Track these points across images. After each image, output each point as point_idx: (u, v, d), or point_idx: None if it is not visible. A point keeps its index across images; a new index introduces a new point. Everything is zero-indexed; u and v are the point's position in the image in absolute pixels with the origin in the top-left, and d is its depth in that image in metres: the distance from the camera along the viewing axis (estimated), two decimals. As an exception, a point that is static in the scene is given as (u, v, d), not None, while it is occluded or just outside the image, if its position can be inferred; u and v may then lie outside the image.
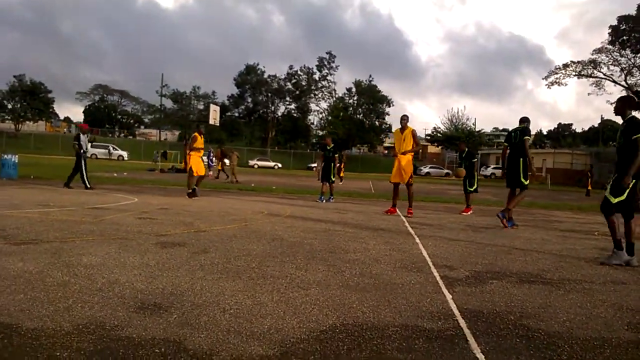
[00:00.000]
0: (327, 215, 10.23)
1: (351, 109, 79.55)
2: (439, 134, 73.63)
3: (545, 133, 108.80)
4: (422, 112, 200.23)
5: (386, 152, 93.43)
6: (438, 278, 4.87)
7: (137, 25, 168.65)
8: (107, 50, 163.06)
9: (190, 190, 13.07)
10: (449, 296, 4.19)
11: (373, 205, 13.99)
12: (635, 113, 6.36)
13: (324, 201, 14.17)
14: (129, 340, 2.84)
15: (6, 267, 4.35)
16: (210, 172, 29.19)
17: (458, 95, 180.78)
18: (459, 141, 17.31)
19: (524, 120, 9.66)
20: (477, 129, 75.10)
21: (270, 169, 59.13)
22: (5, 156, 17.75)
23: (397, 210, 11.21)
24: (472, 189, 13.09)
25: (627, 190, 6.06)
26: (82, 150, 14.53)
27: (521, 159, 9.45)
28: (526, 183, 9.53)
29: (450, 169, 64.76)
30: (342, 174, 30.08)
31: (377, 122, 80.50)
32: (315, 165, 35.13)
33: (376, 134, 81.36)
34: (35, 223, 6.98)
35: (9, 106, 77.29)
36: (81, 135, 14.80)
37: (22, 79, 76.16)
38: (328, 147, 14.90)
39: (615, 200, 6.15)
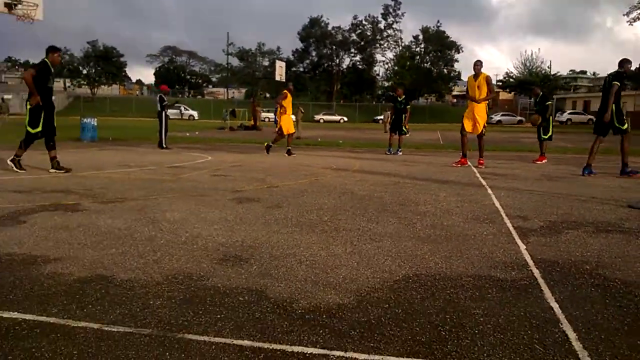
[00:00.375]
0: (396, 168, 10.23)
1: (418, 57, 77.54)
2: (511, 79, 70.70)
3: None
4: (494, 57, 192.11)
5: (455, 100, 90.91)
6: (511, 229, 4.83)
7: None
8: (173, 11, 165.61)
9: (270, 144, 13.55)
10: (522, 246, 4.16)
11: (443, 156, 13.82)
12: None
13: (392, 153, 14.13)
14: (215, 290, 3.04)
15: (97, 224, 4.69)
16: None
17: (532, 36, 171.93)
18: (533, 86, 16.59)
19: (621, 64, 9.15)
20: (552, 73, 71.47)
21: (336, 123, 59.13)
22: (85, 120, 18.72)
23: (468, 160, 10.98)
24: (546, 137, 12.60)
25: None
26: (163, 111, 15.18)
27: (614, 105, 9.03)
28: (624, 127, 9.18)
29: (523, 116, 62.41)
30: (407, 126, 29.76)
31: (445, 70, 78.21)
32: (382, 117, 34.75)
33: (444, 83, 79.21)
34: (119, 182, 7.42)
35: (84, 71, 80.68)
36: (163, 96, 15.46)
37: (95, 44, 79.14)
38: (399, 99, 14.77)
39: None
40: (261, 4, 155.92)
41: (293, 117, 14.90)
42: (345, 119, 63.12)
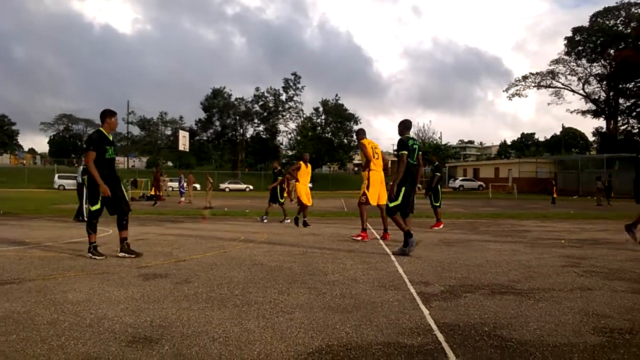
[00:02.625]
0: (303, 237, 10.40)
1: (319, 128, 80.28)
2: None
3: (509, 143, 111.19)
4: (388, 127, 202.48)
5: (356, 169, 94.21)
6: (415, 294, 5.08)
7: (97, 52, 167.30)
8: (69, 79, 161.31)
9: (299, 217, 13.32)
10: (426, 312, 4.40)
11: (347, 224, 14.20)
12: None
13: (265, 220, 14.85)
14: (126, 374, 2.96)
15: (-8, 309, 4.40)
16: (182, 199, 29.15)
17: (421, 109, 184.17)
18: (431, 155, 17.75)
19: None
20: (443, 143, 76.51)
21: (242, 191, 59.03)
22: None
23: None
24: (437, 204, 13.45)
25: None
26: (82, 183, 14.76)
27: None
28: None
29: (419, 183, 65.58)
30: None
31: (345, 140, 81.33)
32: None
33: (345, 152, 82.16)
34: (15, 262, 6.98)
35: (-29, 140, 75.83)
36: (85, 169, 14.96)
37: (-16, 112, 74.83)
38: (275, 170, 15.81)
39: None
40: (161, 73, 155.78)
41: (310, 185, 15.30)
42: (251, 187, 63.25)
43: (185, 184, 31.13)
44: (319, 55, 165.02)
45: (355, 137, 11.13)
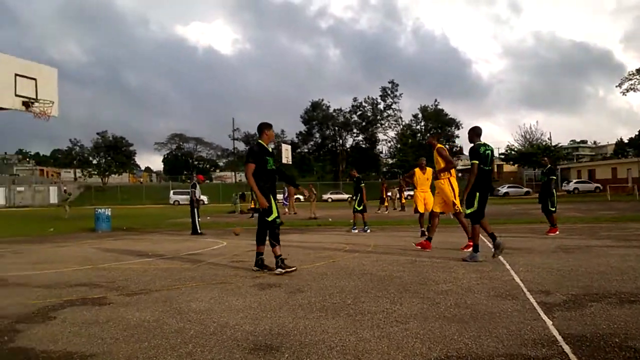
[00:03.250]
0: (409, 245, 10.27)
1: (419, 134, 79.22)
2: (513, 152, 71.75)
3: (626, 141, 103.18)
4: (491, 130, 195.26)
5: (460, 175, 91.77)
6: (535, 304, 4.86)
7: (201, 73, 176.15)
8: (178, 100, 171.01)
9: (424, 229, 11.97)
10: (549, 322, 4.19)
11: (454, 232, 13.85)
12: None
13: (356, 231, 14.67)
14: (252, 380, 3.08)
15: (126, 317, 4.76)
16: (286, 210, 29.90)
17: (526, 110, 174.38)
18: (543, 157, 16.82)
19: None
20: (553, 144, 72.58)
21: (344, 201, 59.45)
22: (99, 210, 19.03)
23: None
24: (553, 209, 12.61)
25: None
26: (195, 198, 15.75)
27: None
28: None
29: (529, 187, 62.70)
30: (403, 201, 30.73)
31: (447, 146, 79.56)
32: (390, 194, 34.96)
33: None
34: (140, 273, 7.52)
35: (94, 161, 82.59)
36: (197, 184, 16.10)
37: (105, 135, 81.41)
38: (354, 179, 15.89)
39: None
40: (263, 89, 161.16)
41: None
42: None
43: (287, 196, 31.95)
44: (415, 61, 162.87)
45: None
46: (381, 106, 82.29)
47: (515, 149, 71.93)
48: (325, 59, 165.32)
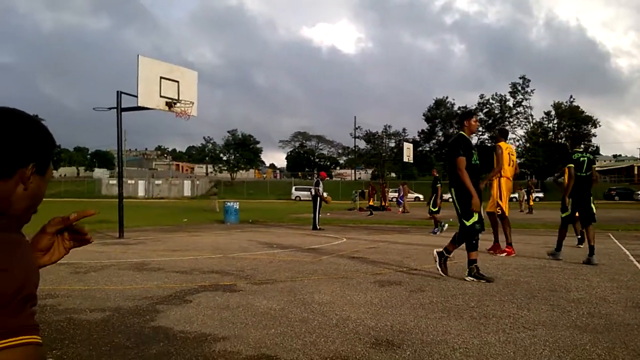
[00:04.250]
0: (537, 250, 9.76)
1: (552, 133, 74.62)
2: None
3: None
4: (631, 129, 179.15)
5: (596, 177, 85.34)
6: (681, 319, 4.43)
7: (325, 72, 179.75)
8: (302, 99, 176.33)
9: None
10: (698, 340, 3.81)
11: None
12: None
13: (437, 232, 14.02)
14: (374, 374, 3.13)
15: (254, 304, 5.03)
16: (400, 209, 29.65)
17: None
18: None
19: None
20: None
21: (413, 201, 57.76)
22: (228, 203, 20.14)
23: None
24: None
25: None
26: (318, 195, 16.27)
27: None
28: None
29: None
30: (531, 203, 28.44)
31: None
32: (516, 196, 33.26)
33: (582, 158, 74.99)
34: (266, 264, 7.88)
35: (224, 158, 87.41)
36: (320, 182, 16.67)
37: (235, 133, 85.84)
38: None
39: None
40: (385, 88, 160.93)
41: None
42: (421, 197, 61.41)
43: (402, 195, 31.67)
44: (548, 55, 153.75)
45: (497, 136, 9.51)
46: (510, 103, 78.39)
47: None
48: (450, 54, 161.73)
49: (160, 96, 12.93)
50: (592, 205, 8.29)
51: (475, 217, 6.40)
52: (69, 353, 3.56)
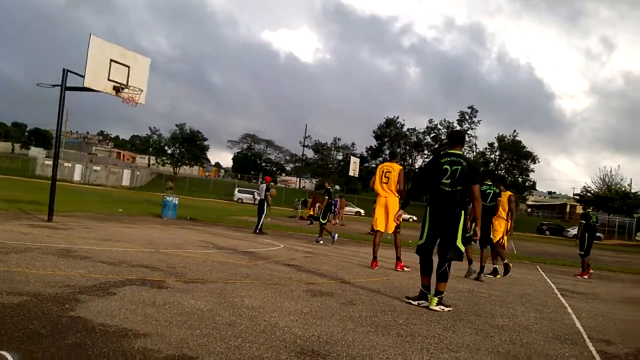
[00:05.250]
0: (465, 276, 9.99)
1: (492, 164, 77.22)
2: (589, 194, 68.73)
3: None
4: (568, 169, 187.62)
5: (529, 210, 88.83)
6: (594, 352, 4.62)
7: (281, 78, 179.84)
8: (255, 101, 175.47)
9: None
10: (609, 375, 3.97)
11: (517, 267, 13.39)
12: None
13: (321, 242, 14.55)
14: (295, 383, 3.09)
15: (181, 303, 4.89)
16: (334, 221, 30.00)
17: (610, 152, 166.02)
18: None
19: None
20: (633, 190, 68.92)
21: (406, 222, 58.85)
22: (167, 198, 19.69)
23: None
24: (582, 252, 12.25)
25: None
26: (267, 200, 16.33)
27: None
28: None
29: (601, 232, 59.77)
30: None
31: (520, 179, 77.14)
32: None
33: (519, 192, 77.88)
34: (199, 263, 7.71)
35: (169, 151, 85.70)
36: (267, 186, 16.65)
37: (183, 127, 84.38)
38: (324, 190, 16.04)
39: None
40: (339, 101, 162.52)
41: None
42: (415, 218, 62.63)
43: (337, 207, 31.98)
44: (497, 88, 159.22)
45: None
46: (451, 131, 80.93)
47: (592, 191, 68.90)
48: (405, 76, 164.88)
49: (109, 79, 12.51)
50: (491, 231, 9.83)
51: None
52: (-24, 337, 3.34)
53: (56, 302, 4.40)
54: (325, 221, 15.31)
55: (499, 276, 10.00)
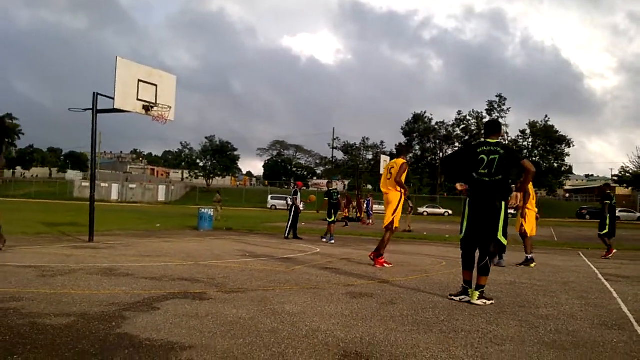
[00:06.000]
0: (508, 268, 9.86)
1: (526, 151, 75.86)
2: (627, 174, 66.91)
3: None
4: (604, 150, 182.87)
5: (567, 195, 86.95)
6: (646, 338, 4.51)
7: (304, 82, 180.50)
8: (281, 108, 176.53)
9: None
10: (661, 359, 3.87)
11: (559, 254, 13.15)
12: None
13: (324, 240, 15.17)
14: (341, 386, 3.11)
15: (223, 313, 4.96)
16: (369, 221, 29.92)
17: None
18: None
19: None
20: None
21: (441, 216, 58.27)
22: (203, 210, 19.96)
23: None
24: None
25: None
26: (294, 205, 16.46)
27: None
28: None
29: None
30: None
31: (555, 164, 75.61)
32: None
33: (555, 177, 76.31)
34: (238, 272, 7.80)
35: (201, 164, 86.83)
36: (298, 191, 16.73)
37: (212, 139, 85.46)
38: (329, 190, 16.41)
39: None
40: (364, 100, 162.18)
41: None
42: (450, 212, 62.02)
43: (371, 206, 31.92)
44: (523, 73, 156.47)
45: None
46: (486, 120, 79.79)
47: (630, 171, 67.02)
48: (428, 69, 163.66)
49: (138, 99, 12.77)
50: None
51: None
52: (30, 358, 3.46)
53: (103, 321, 4.52)
54: (332, 220, 15.80)
55: (533, 264, 9.89)
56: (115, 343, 3.87)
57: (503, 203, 5.92)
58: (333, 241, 15.05)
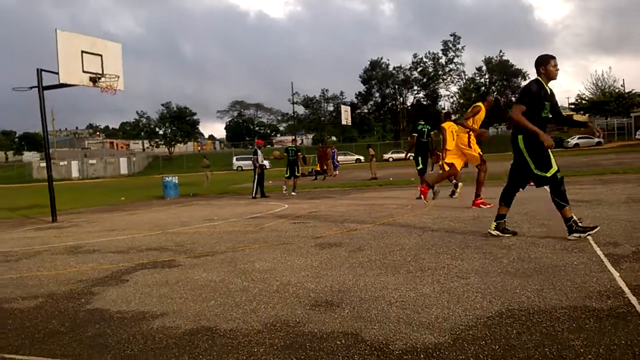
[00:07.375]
0: (470, 202, 10.08)
1: (483, 88, 76.65)
2: (584, 101, 68.44)
3: None
4: (559, 79, 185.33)
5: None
6: (602, 256, 4.70)
7: (255, 39, 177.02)
8: (235, 67, 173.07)
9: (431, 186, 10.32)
10: (616, 274, 4.06)
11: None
12: None
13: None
14: (313, 335, 3.18)
15: (193, 278, 4.98)
16: (336, 172, 30.12)
17: (596, 55, 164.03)
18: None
19: None
20: (626, 90, 68.56)
21: (406, 160, 58.93)
22: (167, 178, 19.72)
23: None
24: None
25: None
26: (258, 164, 16.13)
27: None
28: None
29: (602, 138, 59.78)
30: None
31: (513, 98, 76.76)
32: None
33: (513, 111, 77.51)
34: (207, 236, 7.80)
35: (161, 132, 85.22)
36: (258, 150, 16.53)
37: (169, 105, 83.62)
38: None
39: None
40: (319, 52, 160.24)
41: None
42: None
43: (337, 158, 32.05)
44: (474, 11, 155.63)
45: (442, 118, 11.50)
46: (442, 61, 79.91)
47: (587, 98, 68.56)
48: (380, 14, 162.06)
49: (84, 71, 12.33)
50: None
51: (555, 167, 5.63)
52: (0, 344, 3.43)
53: (71, 299, 4.49)
54: (288, 175, 17.54)
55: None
56: (85, 319, 3.86)
57: (521, 137, 5.70)
58: (286, 192, 16.51)
